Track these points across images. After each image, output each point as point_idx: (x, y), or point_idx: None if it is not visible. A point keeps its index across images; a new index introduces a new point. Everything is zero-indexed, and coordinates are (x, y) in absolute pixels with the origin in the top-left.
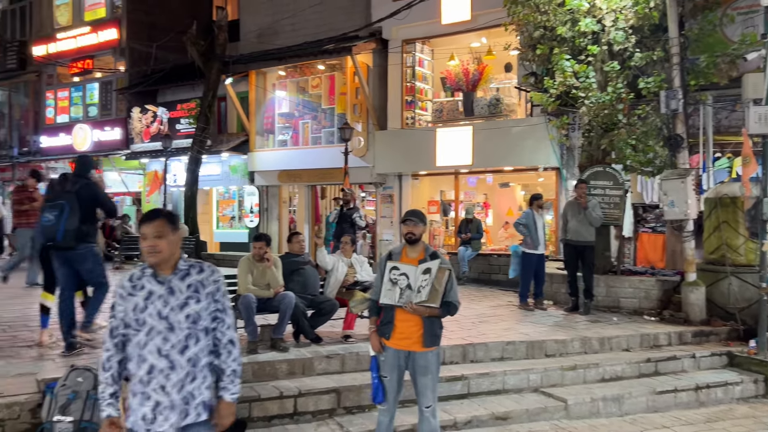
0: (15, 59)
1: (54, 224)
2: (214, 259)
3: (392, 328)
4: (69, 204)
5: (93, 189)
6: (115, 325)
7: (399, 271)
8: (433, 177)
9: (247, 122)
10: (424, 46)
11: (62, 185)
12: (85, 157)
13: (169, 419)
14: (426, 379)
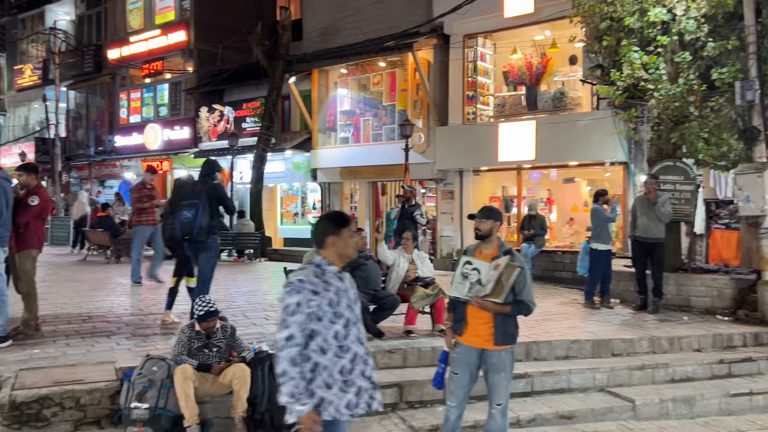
0: (91, 62)
1: (191, 221)
2: (278, 254)
3: (464, 325)
4: (201, 203)
5: (219, 190)
6: (302, 320)
7: (472, 265)
8: (494, 173)
9: (309, 120)
10: (486, 41)
11: (194, 187)
12: (212, 161)
13: (370, 402)
14: (498, 377)
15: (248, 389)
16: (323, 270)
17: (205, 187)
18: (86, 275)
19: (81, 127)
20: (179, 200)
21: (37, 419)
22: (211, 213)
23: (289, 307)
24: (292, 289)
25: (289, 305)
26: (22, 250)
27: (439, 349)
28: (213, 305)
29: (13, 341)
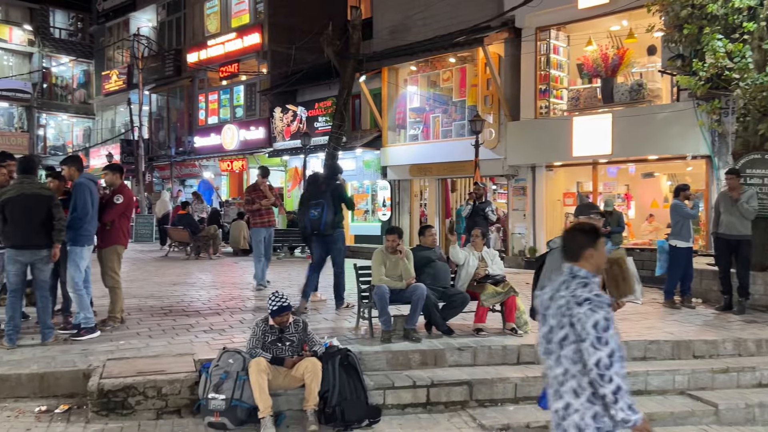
0: (172, 67)
1: (318, 218)
2: (349, 250)
3: None
4: (326, 202)
5: (340, 189)
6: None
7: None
8: (568, 168)
9: (379, 118)
10: (560, 33)
11: (318, 187)
12: (335, 164)
13: None
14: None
15: (320, 383)
16: (593, 282)
17: (329, 187)
18: (168, 270)
19: (162, 128)
20: (307, 200)
21: (123, 407)
22: (335, 210)
23: (600, 323)
24: (595, 305)
25: (599, 321)
26: (108, 245)
27: (510, 348)
28: (286, 300)
29: (101, 333)
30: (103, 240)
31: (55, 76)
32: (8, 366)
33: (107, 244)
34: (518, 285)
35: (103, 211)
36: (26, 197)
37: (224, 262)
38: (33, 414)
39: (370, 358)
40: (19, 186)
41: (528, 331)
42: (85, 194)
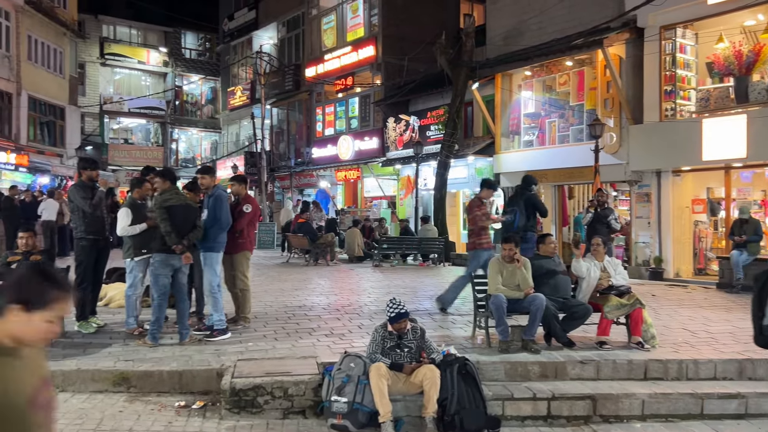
0: (291, 81)
1: (511, 223)
2: (461, 259)
3: None
4: (518, 209)
5: (533, 199)
6: None
7: None
8: (698, 173)
9: (492, 125)
10: (686, 31)
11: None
12: (528, 177)
13: None
14: None
15: (438, 390)
16: None
17: (522, 197)
18: (289, 276)
19: (283, 140)
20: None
21: (253, 405)
22: (527, 216)
23: None
24: None
25: None
26: (239, 251)
27: (637, 363)
28: (404, 307)
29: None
30: (234, 246)
31: (186, 93)
32: (152, 363)
33: (238, 250)
34: (644, 297)
35: (234, 220)
36: (183, 207)
37: (341, 269)
38: (173, 408)
39: (487, 368)
40: (176, 196)
41: (656, 345)
42: (226, 205)
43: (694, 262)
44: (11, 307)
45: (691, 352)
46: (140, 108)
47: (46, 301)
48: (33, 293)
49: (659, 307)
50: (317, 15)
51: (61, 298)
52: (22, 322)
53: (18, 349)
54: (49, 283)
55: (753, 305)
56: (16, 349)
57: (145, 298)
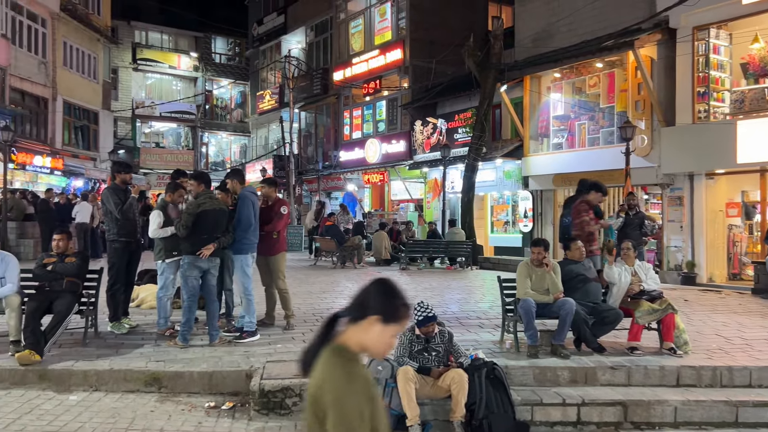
0: (319, 85)
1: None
2: (489, 262)
3: None
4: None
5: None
6: None
7: None
8: (732, 176)
9: (521, 127)
10: (720, 31)
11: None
12: (584, 181)
13: None
14: None
15: (466, 394)
16: None
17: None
18: (317, 278)
19: (311, 144)
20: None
21: (281, 407)
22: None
23: None
24: None
25: None
26: (278, 253)
27: (669, 369)
28: (431, 311)
29: (260, 336)
30: (273, 248)
31: (216, 97)
32: (182, 363)
33: (276, 252)
34: (676, 302)
35: (270, 222)
36: (216, 211)
37: (368, 272)
38: (203, 409)
39: (516, 373)
40: (210, 201)
41: (688, 352)
42: (249, 206)
43: (728, 266)
44: (372, 317)
45: (725, 359)
46: (171, 112)
47: (399, 317)
48: (392, 308)
49: (692, 312)
50: (345, 19)
51: (407, 317)
52: (376, 332)
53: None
54: (403, 300)
55: None
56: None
57: (176, 300)
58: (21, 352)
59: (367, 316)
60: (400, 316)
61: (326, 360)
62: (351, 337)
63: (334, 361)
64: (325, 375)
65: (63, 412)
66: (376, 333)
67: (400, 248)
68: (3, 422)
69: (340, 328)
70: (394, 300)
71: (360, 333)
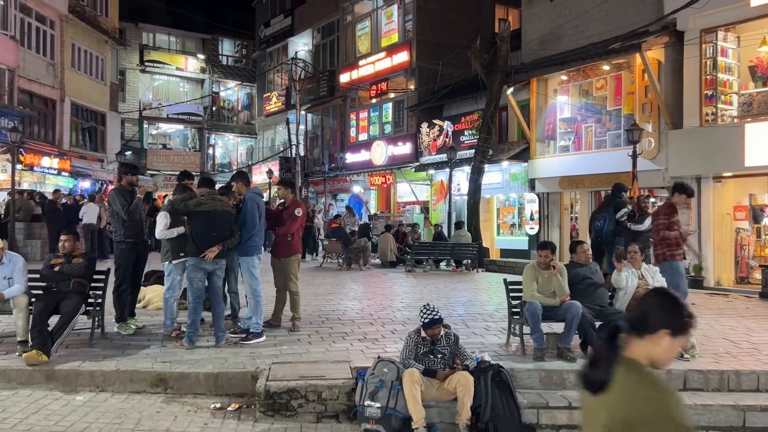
0: (326, 87)
1: (601, 227)
2: (495, 265)
3: None
4: (608, 215)
5: (620, 205)
6: None
7: None
8: (740, 179)
9: (527, 130)
10: (728, 34)
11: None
12: (618, 185)
13: None
14: None
15: (472, 397)
16: None
17: (612, 203)
18: (322, 280)
19: (317, 146)
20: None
21: (287, 408)
22: (616, 221)
23: None
24: None
25: None
26: (291, 255)
27: (675, 373)
28: (437, 313)
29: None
30: (285, 250)
31: (223, 99)
32: (188, 365)
33: (290, 254)
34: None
35: (285, 224)
36: (218, 213)
37: (374, 274)
38: (209, 410)
39: (522, 376)
40: (212, 202)
41: (695, 356)
42: (253, 208)
43: (736, 270)
44: (661, 331)
45: (732, 363)
46: (178, 114)
47: (686, 330)
48: (681, 322)
49: (699, 316)
50: (352, 21)
51: (692, 328)
52: (666, 346)
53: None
54: (689, 312)
55: None
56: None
57: (183, 301)
58: (28, 352)
59: (655, 330)
60: (687, 329)
61: (631, 378)
62: (637, 351)
63: (640, 378)
64: (637, 394)
65: (69, 413)
66: (665, 346)
67: (405, 250)
68: (11, 422)
69: (623, 343)
70: (681, 313)
71: (648, 347)
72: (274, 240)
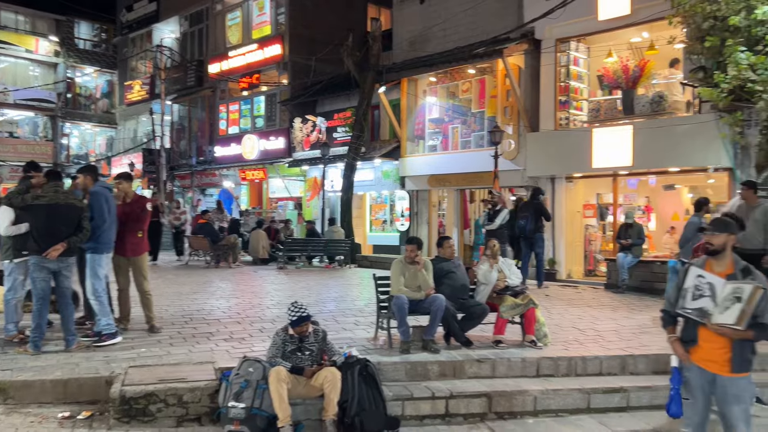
0: (194, 77)
1: (524, 226)
2: (367, 260)
3: (694, 347)
4: (530, 214)
5: (541, 206)
6: None
7: (705, 279)
8: (589, 179)
9: (398, 129)
10: (580, 44)
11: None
12: (537, 188)
13: None
14: (738, 409)
15: (339, 393)
16: None
17: (532, 204)
18: (188, 279)
19: (184, 138)
20: (519, 213)
21: (144, 414)
22: (536, 219)
23: None
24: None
25: None
26: (141, 253)
27: (530, 361)
28: (305, 310)
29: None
30: (138, 247)
31: (79, 86)
32: (32, 372)
33: (140, 252)
34: (537, 297)
35: (138, 221)
36: (60, 206)
37: (244, 271)
38: (56, 420)
39: (388, 369)
40: (54, 194)
41: (548, 344)
42: (101, 202)
43: (585, 263)
44: None
45: (579, 350)
46: (27, 99)
47: None
48: None
49: (552, 306)
50: (222, 11)
51: None
52: None
53: None
54: None
55: None
56: None
57: (27, 303)
58: None
59: None
60: None
61: None
62: None
63: None
64: None
65: None
66: None
67: (278, 247)
68: None
69: None
70: None
71: None
72: (122, 238)
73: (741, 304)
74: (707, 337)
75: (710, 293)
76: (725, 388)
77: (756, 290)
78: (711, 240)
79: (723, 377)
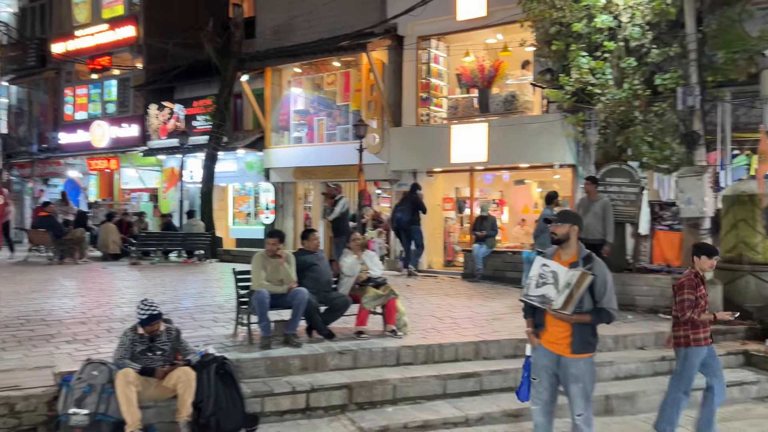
0: (34, 57)
1: (401, 218)
2: (230, 255)
3: (543, 330)
4: (407, 208)
5: (417, 199)
6: None
7: (549, 268)
8: (448, 174)
9: (262, 119)
10: (440, 43)
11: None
12: (416, 184)
13: None
14: (576, 387)
15: (193, 393)
16: None
17: (410, 198)
18: (26, 276)
19: (23, 123)
20: (397, 206)
21: None
22: (412, 212)
23: None
24: None
25: None
26: None
27: (390, 350)
28: (156, 308)
29: None
30: None
31: None
32: None
33: None
34: (399, 287)
35: None
36: None
37: (92, 267)
38: None
39: (248, 365)
40: None
41: (407, 333)
42: None
43: (444, 254)
44: None
45: (437, 337)
46: None
47: None
48: None
49: (412, 296)
50: None
51: None
52: None
53: None
54: None
55: None
56: None
57: None
58: None
59: None
60: None
61: None
62: None
63: None
64: None
65: None
66: None
67: (131, 241)
68: None
69: None
70: None
71: None
72: None
73: (569, 290)
74: (552, 322)
75: (553, 281)
76: (567, 368)
77: (583, 276)
78: (555, 230)
79: (565, 358)
